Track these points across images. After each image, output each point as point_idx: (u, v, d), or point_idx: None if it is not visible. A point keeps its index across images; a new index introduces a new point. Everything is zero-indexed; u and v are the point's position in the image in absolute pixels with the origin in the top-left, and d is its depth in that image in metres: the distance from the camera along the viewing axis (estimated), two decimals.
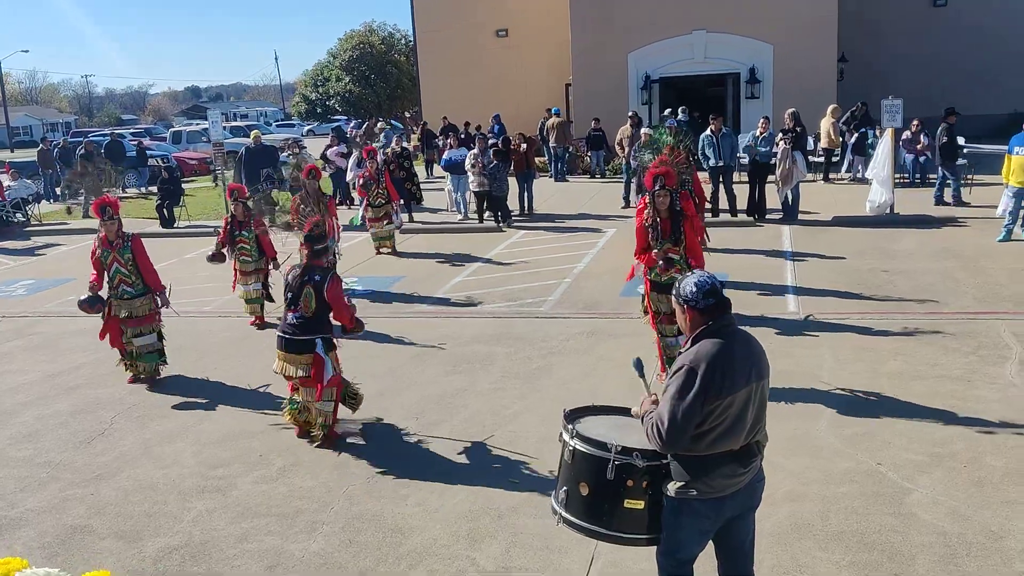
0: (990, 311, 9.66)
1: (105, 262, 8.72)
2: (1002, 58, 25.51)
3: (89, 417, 8.03)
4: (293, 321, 6.98)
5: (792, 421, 6.92)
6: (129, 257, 8.70)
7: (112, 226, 8.67)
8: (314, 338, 6.94)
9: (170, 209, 19.13)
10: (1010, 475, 5.93)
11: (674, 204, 7.82)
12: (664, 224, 7.78)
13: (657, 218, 7.80)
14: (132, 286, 8.76)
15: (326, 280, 6.96)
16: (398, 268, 13.66)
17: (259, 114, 76.47)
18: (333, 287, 6.97)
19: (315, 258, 7.13)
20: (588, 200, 19.45)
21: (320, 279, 6.97)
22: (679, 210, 7.85)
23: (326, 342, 7.00)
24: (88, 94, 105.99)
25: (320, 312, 6.97)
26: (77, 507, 6.27)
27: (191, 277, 13.00)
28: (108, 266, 8.73)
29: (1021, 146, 12.78)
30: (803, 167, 15.58)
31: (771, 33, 22.93)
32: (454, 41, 28.76)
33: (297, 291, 6.99)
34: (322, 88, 42.83)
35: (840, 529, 5.39)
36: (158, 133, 47.32)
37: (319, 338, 6.95)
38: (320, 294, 6.92)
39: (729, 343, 3.75)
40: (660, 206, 7.76)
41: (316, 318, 6.97)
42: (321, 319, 7.00)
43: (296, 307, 6.98)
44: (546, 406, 7.46)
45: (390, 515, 5.90)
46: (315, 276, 7.00)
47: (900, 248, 13.06)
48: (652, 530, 3.94)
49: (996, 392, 7.38)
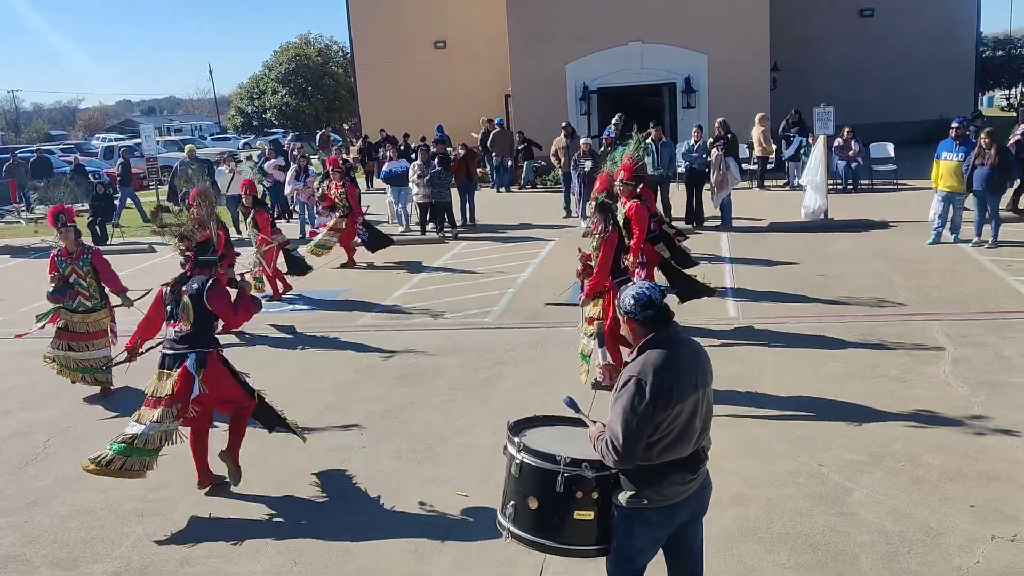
0: (924, 312, 9.91)
1: (64, 272, 8.52)
2: (928, 66, 26.32)
3: (22, 442, 7.78)
4: (173, 336, 6.41)
5: (736, 425, 6.99)
6: (88, 269, 8.53)
7: (69, 234, 8.49)
8: (187, 351, 6.31)
9: (102, 226, 18.71)
10: (947, 473, 6.07)
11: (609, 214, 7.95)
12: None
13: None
14: (89, 299, 8.61)
15: (204, 288, 6.35)
16: (341, 281, 13.51)
17: (194, 128, 75.12)
18: (214, 294, 6.34)
19: (198, 267, 6.52)
20: (529, 210, 19.51)
21: (199, 287, 6.36)
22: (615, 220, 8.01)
23: (199, 357, 6.33)
24: (15, 109, 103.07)
25: (199, 323, 6.36)
26: (9, 535, 6.05)
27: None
28: (66, 276, 8.53)
29: (949, 151, 13.15)
30: (737, 173, 15.88)
31: (705, 43, 23.31)
32: (392, 53, 28.65)
33: (174, 304, 6.42)
34: (258, 101, 42.33)
35: (785, 531, 5.46)
36: (88, 149, 46.16)
37: (192, 352, 6.32)
38: (200, 304, 6.32)
39: (674, 351, 3.76)
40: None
41: (195, 331, 6.36)
42: (201, 331, 6.38)
43: (175, 321, 6.41)
44: (495, 417, 7.43)
45: (336, 533, 5.81)
46: (192, 285, 6.40)
47: (835, 252, 13.35)
48: (602, 540, 3.93)
49: (932, 391, 7.56)
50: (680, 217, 16.06)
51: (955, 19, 26.81)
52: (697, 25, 23.17)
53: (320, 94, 40.59)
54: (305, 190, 17.25)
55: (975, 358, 8.30)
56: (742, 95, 22.15)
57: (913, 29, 26.43)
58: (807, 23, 26.52)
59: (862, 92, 25.89)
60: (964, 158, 12.88)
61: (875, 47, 26.65)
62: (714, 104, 22.87)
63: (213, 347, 6.44)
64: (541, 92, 24.26)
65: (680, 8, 23.16)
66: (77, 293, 8.61)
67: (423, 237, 16.77)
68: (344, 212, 14.20)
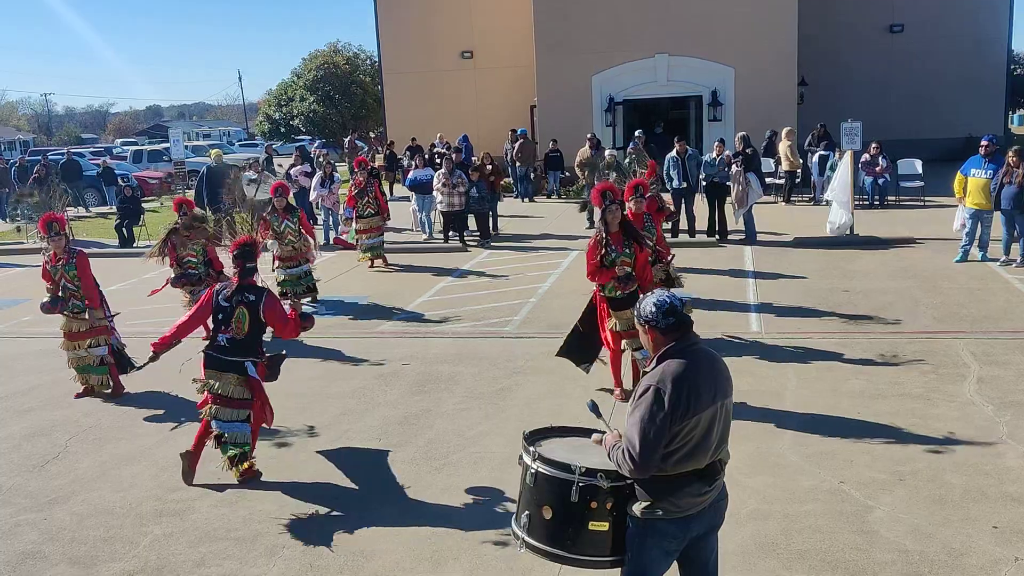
0: (949, 330, 9.80)
1: (55, 277, 8.75)
2: (957, 84, 26.09)
3: (43, 440, 7.84)
4: (223, 343, 6.60)
5: (755, 440, 6.94)
6: (74, 273, 8.73)
7: (59, 242, 8.69)
8: (244, 361, 6.60)
9: (129, 229, 18.91)
10: (970, 493, 5.98)
11: (624, 219, 7.95)
12: (615, 237, 7.84)
13: (608, 233, 7.85)
14: (81, 300, 8.80)
15: (261, 300, 6.58)
16: (363, 288, 13.56)
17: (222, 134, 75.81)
18: (270, 306, 6.58)
19: (245, 276, 6.68)
20: (552, 221, 19.51)
21: (255, 299, 6.57)
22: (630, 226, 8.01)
23: (256, 365, 6.66)
24: (47, 113, 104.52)
25: (253, 333, 6.62)
26: (29, 532, 6.10)
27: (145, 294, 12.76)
28: (57, 282, 8.75)
29: (978, 168, 13.02)
30: (758, 188, 15.80)
31: (732, 57, 23.27)
32: (419, 62, 28.82)
33: (229, 312, 6.58)
34: (286, 108, 42.62)
35: (804, 547, 5.40)
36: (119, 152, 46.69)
37: (249, 361, 6.62)
38: (256, 315, 6.55)
39: (694, 362, 3.73)
40: (612, 221, 7.83)
41: (249, 340, 6.62)
42: (254, 341, 6.65)
43: (227, 328, 6.59)
44: (511, 427, 7.41)
45: (351, 538, 5.81)
46: (248, 296, 6.59)
47: (860, 268, 13.23)
48: (616, 551, 3.90)
49: (955, 410, 7.46)
50: (703, 230, 16.03)
51: (986, 36, 26.52)
52: (724, 38, 23.14)
53: (347, 102, 40.79)
54: (330, 196, 17.37)
55: (1001, 377, 8.19)
56: (769, 109, 22.09)
57: (943, 46, 26.19)
58: (835, 38, 26.37)
59: (889, 109, 25.69)
60: (993, 176, 12.76)
61: (904, 63, 26.44)
62: (740, 117, 22.82)
63: (262, 357, 6.75)
64: (567, 103, 24.30)
65: (707, 21, 23.14)
66: (69, 296, 8.79)
67: (446, 245, 16.82)
68: (374, 211, 14.81)
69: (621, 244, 7.83)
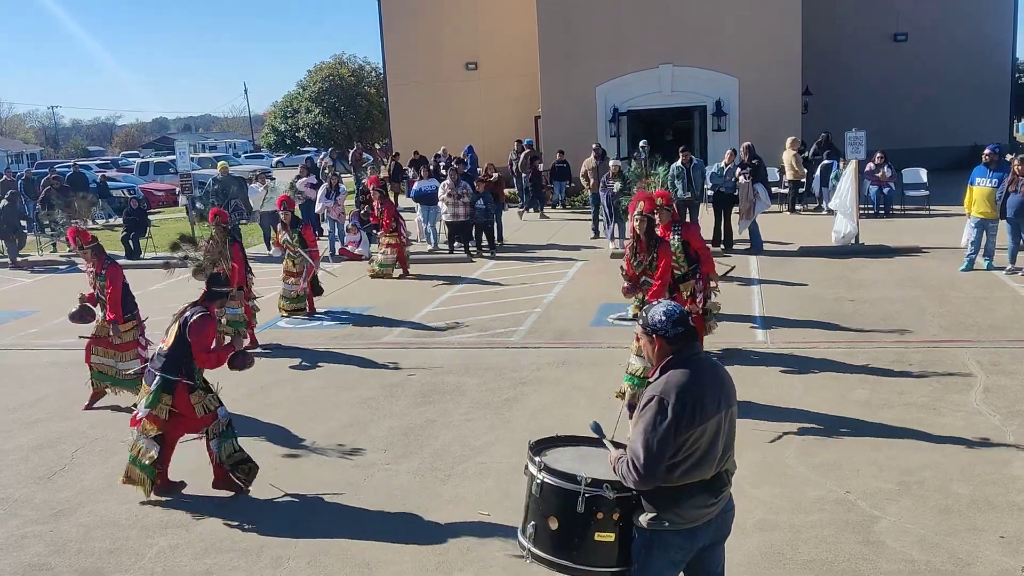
0: (955, 339, 9.77)
1: (95, 288, 8.85)
2: (961, 92, 26.03)
3: (50, 451, 7.86)
4: (158, 351, 6.65)
5: (761, 450, 6.93)
6: (103, 285, 8.73)
7: (86, 254, 8.76)
8: (158, 374, 6.51)
9: (135, 241, 18.99)
10: (977, 502, 5.97)
11: (652, 229, 8.04)
12: (641, 245, 8.00)
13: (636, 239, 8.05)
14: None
15: (192, 317, 6.47)
16: (368, 298, 13.59)
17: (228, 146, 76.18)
18: (197, 327, 6.43)
19: (207, 299, 6.67)
20: (557, 231, 19.52)
21: (189, 315, 6.49)
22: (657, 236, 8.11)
23: (166, 383, 6.49)
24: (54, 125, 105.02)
25: (176, 350, 6.49)
26: (36, 544, 6.11)
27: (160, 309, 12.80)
28: (93, 296, 8.86)
29: (983, 177, 13.02)
30: (766, 198, 15.80)
31: (737, 67, 23.30)
32: (424, 74, 28.91)
33: (171, 323, 6.62)
34: (291, 119, 42.72)
35: (810, 558, 5.39)
36: (125, 164, 46.91)
37: (162, 376, 6.49)
38: (182, 330, 6.46)
39: (697, 371, 3.73)
40: (639, 229, 7.99)
41: (171, 354, 6.51)
42: (176, 357, 6.50)
43: (165, 337, 6.63)
44: (517, 437, 7.41)
45: (357, 548, 5.81)
46: (186, 312, 6.54)
47: (865, 277, 13.22)
48: (623, 562, 3.89)
49: (962, 419, 7.45)
50: (708, 240, 16.00)
51: (990, 45, 26.43)
52: (728, 49, 23.17)
53: (353, 114, 40.89)
54: (335, 208, 17.41)
55: (1007, 387, 8.17)
56: (773, 119, 22.10)
57: (947, 55, 26.15)
58: (839, 47, 26.36)
59: (894, 118, 25.63)
60: (998, 184, 12.75)
61: (908, 72, 26.39)
62: (744, 127, 22.81)
63: (181, 376, 6.51)
64: (571, 113, 24.33)
65: (711, 32, 23.19)
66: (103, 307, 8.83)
67: (451, 256, 16.84)
68: (392, 228, 14.96)
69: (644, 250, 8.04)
